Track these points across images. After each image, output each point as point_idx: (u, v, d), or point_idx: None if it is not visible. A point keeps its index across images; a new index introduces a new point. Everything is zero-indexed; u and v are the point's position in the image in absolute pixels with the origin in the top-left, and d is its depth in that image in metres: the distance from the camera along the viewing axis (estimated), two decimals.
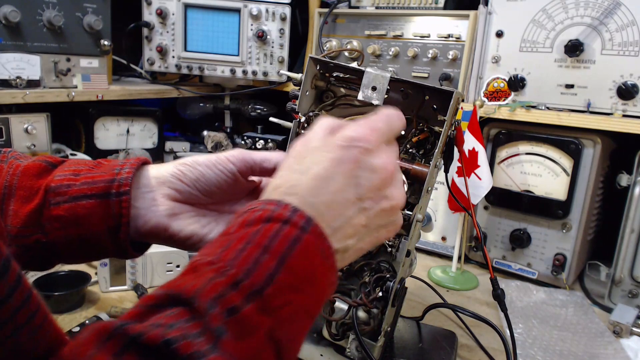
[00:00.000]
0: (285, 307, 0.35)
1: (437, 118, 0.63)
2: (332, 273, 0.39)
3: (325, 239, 0.38)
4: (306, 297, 0.37)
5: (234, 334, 0.32)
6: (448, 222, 1.12)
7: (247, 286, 0.34)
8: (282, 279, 0.35)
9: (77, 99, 1.11)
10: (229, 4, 1.30)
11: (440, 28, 1.12)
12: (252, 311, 0.34)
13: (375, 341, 0.61)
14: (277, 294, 0.35)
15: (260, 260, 0.35)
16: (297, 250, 0.36)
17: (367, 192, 0.41)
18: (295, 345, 0.37)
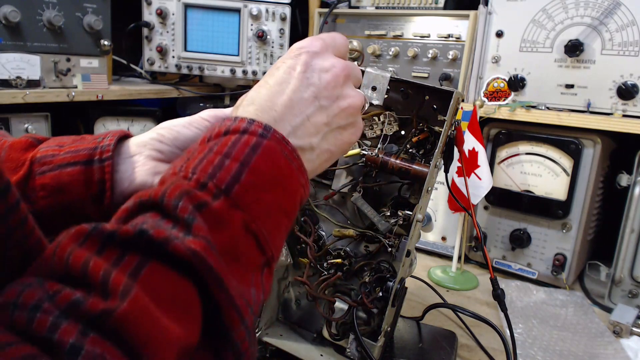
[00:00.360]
0: (255, 203, 0.37)
1: (437, 118, 0.64)
2: (301, 174, 0.41)
3: (287, 143, 0.40)
4: (276, 195, 0.38)
5: (206, 224, 0.33)
6: (448, 222, 1.12)
7: (212, 186, 0.35)
8: (247, 179, 0.36)
9: (77, 99, 1.11)
10: (229, 4, 1.30)
11: (440, 28, 1.12)
12: (222, 205, 0.35)
13: (375, 341, 0.61)
14: (244, 192, 0.36)
15: (223, 164, 0.36)
16: (258, 154, 0.38)
17: (322, 91, 0.43)
18: (276, 240, 0.39)
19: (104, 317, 0.26)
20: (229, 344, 0.33)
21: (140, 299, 0.28)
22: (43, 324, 0.25)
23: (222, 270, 0.32)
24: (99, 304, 0.27)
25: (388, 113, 0.66)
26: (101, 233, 0.31)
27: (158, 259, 0.31)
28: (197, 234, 0.32)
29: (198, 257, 0.31)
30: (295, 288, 0.74)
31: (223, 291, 0.32)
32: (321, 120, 0.43)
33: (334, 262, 0.68)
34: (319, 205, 0.71)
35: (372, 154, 0.64)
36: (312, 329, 0.72)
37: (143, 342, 0.27)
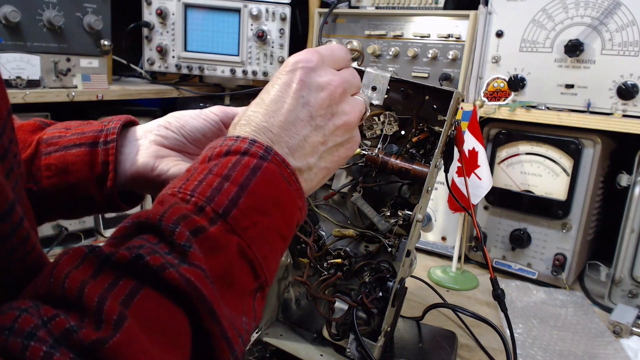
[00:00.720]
0: (252, 228, 0.37)
1: (437, 118, 0.63)
2: (299, 197, 0.41)
3: (287, 165, 0.40)
4: (273, 219, 0.38)
5: (202, 250, 0.33)
6: (448, 222, 1.12)
7: (210, 211, 0.35)
8: (245, 202, 0.36)
9: (77, 99, 1.11)
10: (229, 4, 1.30)
11: (440, 28, 1.12)
12: (219, 231, 0.35)
13: (375, 341, 0.61)
14: (242, 216, 0.36)
15: (222, 187, 0.36)
16: (258, 177, 0.38)
17: (317, 110, 0.42)
18: (271, 265, 0.39)
19: (96, 346, 0.27)
20: None
21: (132, 330, 0.28)
22: (36, 353, 0.25)
23: (216, 300, 0.33)
24: (92, 335, 0.27)
25: (388, 113, 0.66)
26: (97, 256, 0.31)
27: (152, 286, 0.31)
28: (193, 262, 0.32)
29: (192, 286, 0.31)
30: (295, 288, 0.74)
31: (215, 323, 0.32)
32: (318, 140, 0.43)
33: (334, 262, 0.68)
34: (319, 205, 0.71)
35: (372, 154, 0.64)
36: (312, 329, 0.72)
37: None
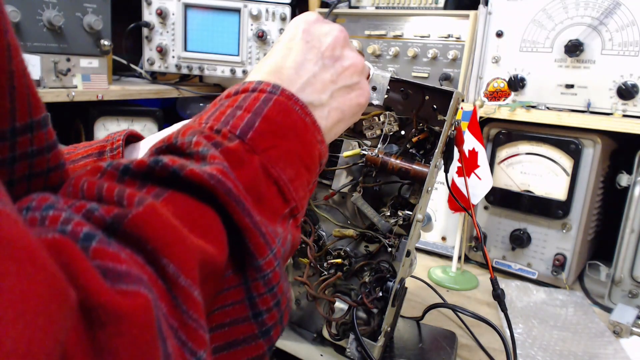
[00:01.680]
0: (272, 149, 0.36)
1: (437, 118, 0.64)
2: (316, 129, 0.41)
3: (297, 100, 0.40)
4: (292, 143, 0.38)
5: (227, 160, 0.32)
6: (448, 222, 1.12)
7: (226, 132, 0.35)
8: (261, 126, 0.36)
9: (77, 99, 1.11)
10: (229, 4, 1.30)
11: (440, 28, 1.12)
12: (238, 148, 0.34)
13: (375, 341, 0.61)
14: (260, 138, 0.36)
15: (235, 114, 0.36)
16: (270, 107, 0.38)
17: (324, 52, 0.44)
18: (299, 191, 0.38)
19: (118, 219, 0.25)
20: (257, 273, 0.31)
21: (157, 207, 0.27)
22: (55, 219, 0.23)
23: (242, 194, 0.31)
24: (114, 210, 0.25)
25: (388, 113, 0.66)
26: (117, 167, 0.30)
27: (175, 188, 0.29)
28: (213, 162, 0.31)
29: (215, 179, 0.30)
30: (295, 288, 0.74)
31: (245, 215, 0.31)
32: (327, 78, 0.44)
33: (334, 262, 0.68)
34: (319, 205, 0.71)
35: (372, 154, 0.64)
36: (312, 329, 0.72)
37: (161, 244, 0.25)
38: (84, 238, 0.23)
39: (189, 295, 0.26)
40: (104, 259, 0.22)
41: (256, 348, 0.32)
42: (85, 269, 0.21)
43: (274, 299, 0.33)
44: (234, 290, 0.31)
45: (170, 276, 0.25)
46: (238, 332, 0.31)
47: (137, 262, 0.24)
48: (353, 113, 0.47)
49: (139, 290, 0.22)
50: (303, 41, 0.44)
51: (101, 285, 0.21)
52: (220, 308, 0.31)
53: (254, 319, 0.32)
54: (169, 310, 0.25)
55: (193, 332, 0.26)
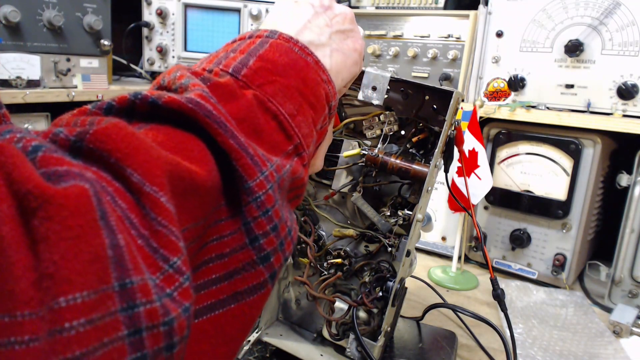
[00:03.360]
0: (269, 84, 0.35)
1: (437, 118, 0.63)
2: (319, 68, 0.40)
3: (296, 42, 0.39)
4: (293, 80, 0.37)
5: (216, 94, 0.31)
6: (448, 222, 1.12)
7: (218, 70, 0.34)
8: (256, 64, 0.35)
9: (77, 99, 1.11)
10: (229, 4, 1.30)
11: (440, 28, 1.12)
12: (229, 82, 0.33)
13: (375, 341, 0.61)
14: (254, 75, 0.35)
15: (229, 55, 0.35)
16: (267, 48, 0.37)
17: (313, 2, 0.44)
18: (303, 128, 0.36)
19: (81, 136, 0.24)
20: (249, 196, 0.30)
21: (122, 123, 0.26)
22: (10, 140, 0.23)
23: (226, 118, 0.30)
24: (77, 129, 0.25)
25: (388, 113, 0.66)
26: (101, 107, 0.29)
27: (157, 121, 0.29)
28: (193, 89, 0.30)
29: (193, 102, 0.29)
30: (295, 288, 0.74)
31: (229, 136, 0.30)
32: (322, 22, 0.44)
33: (334, 262, 0.68)
34: (319, 205, 0.71)
35: (372, 154, 0.64)
36: (312, 329, 0.72)
37: (124, 154, 0.25)
38: (32, 150, 0.22)
39: (156, 202, 0.25)
40: (48, 165, 0.22)
41: (256, 275, 0.31)
42: (20, 163, 0.21)
43: (270, 223, 0.32)
44: (231, 220, 0.31)
45: (135, 185, 0.25)
46: (237, 260, 0.31)
47: (101, 177, 0.24)
48: (354, 59, 0.46)
49: (76, 183, 0.22)
50: (292, 1, 0.44)
51: (32, 174, 0.21)
52: (217, 239, 0.30)
53: (250, 245, 0.31)
54: (139, 220, 0.24)
55: (164, 237, 0.25)
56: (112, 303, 0.22)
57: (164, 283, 0.24)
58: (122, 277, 0.22)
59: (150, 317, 0.23)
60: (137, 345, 0.22)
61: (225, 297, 0.30)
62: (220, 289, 0.30)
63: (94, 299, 0.21)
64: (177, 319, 0.24)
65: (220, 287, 0.30)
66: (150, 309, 0.23)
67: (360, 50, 0.48)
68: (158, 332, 0.23)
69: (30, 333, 0.19)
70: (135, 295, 0.22)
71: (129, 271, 0.22)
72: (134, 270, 0.23)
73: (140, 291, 0.23)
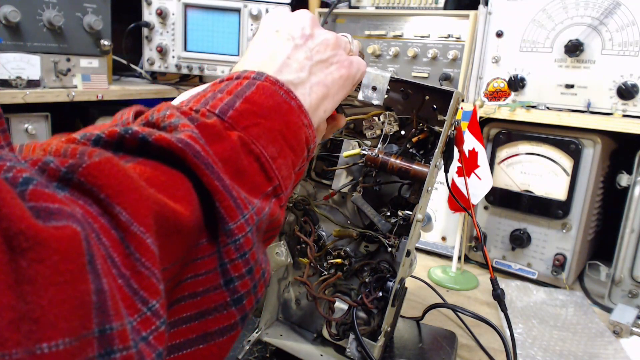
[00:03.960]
0: (253, 127, 0.36)
1: (437, 118, 0.63)
2: (302, 113, 0.40)
3: (282, 85, 0.40)
4: (276, 123, 0.37)
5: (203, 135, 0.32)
6: (448, 222, 1.12)
7: (205, 111, 0.34)
8: (242, 106, 0.36)
9: (77, 99, 1.11)
10: (229, 4, 1.30)
11: (440, 28, 1.12)
12: (216, 124, 0.34)
13: (375, 341, 0.61)
14: (240, 116, 0.35)
15: (216, 96, 0.36)
16: (253, 90, 0.37)
17: (292, 33, 0.45)
18: (282, 170, 0.37)
19: (73, 168, 0.24)
20: (228, 238, 0.31)
21: (114, 159, 0.26)
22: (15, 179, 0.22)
23: (213, 160, 0.31)
24: (69, 161, 0.25)
25: (388, 113, 0.66)
26: (89, 138, 0.29)
27: (145, 156, 0.29)
28: (184, 129, 0.31)
29: (184, 143, 0.29)
30: (295, 288, 0.74)
31: (215, 177, 0.30)
32: (301, 56, 0.44)
33: (334, 262, 0.68)
34: (319, 205, 0.71)
35: (372, 154, 0.64)
36: (312, 329, 0.72)
37: (114, 192, 0.25)
38: (22, 182, 0.22)
39: (142, 242, 0.25)
40: (38, 200, 0.22)
41: (228, 317, 0.32)
42: (11, 199, 0.20)
43: (246, 266, 0.32)
44: (208, 259, 0.31)
45: (123, 224, 0.25)
46: (210, 300, 0.31)
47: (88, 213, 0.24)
48: (339, 86, 0.46)
49: (68, 224, 0.22)
50: (272, 32, 0.45)
51: (25, 215, 0.20)
52: (192, 277, 0.30)
53: (225, 287, 0.31)
54: (122, 259, 0.24)
55: (145, 279, 0.25)
56: (91, 349, 0.22)
57: (140, 326, 0.25)
58: (103, 322, 0.22)
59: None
60: None
61: (194, 337, 0.31)
62: (191, 328, 0.31)
63: (75, 345, 0.21)
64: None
65: (190, 326, 0.31)
66: (126, 355, 0.23)
67: (347, 74, 0.48)
68: None
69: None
70: (114, 342, 0.22)
71: (110, 317, 0.23)
72: (115, 316, 0.23)
73: (118, 337, 0.23)
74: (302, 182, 0.72)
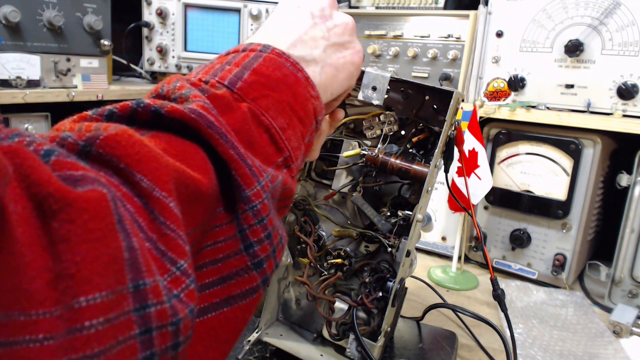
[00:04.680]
0: (262, 99, 0.36)
1: (437, 118, 0.63)
2: (309, 84, 0.41)
3: (288, 57, 0.40)
4: (284, 94, 0.38)
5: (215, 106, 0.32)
6: (448, 222, 1.12)
7: (214, 82, 0.35)
8: (250, 77, 0.36)
9: (77, 99, 1.11)
10: (229, 4, 1.30)
11: (440, 28, 1.12)
12: (226, 94, 0.34)
13: (375, 341, 0.61)
14: (249, 88, 0.36)
15: (224, 68, 0.37)
16: (260, 62, 0.38)
17: (314, 11, 0.45)
18: (292, 141, 0.38)
19: (91, 141, 0.25)
20: (246, 204, 0.31)
21: (130, 130, 0.27)
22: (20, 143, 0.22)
23: (226, 129, 0.31)
24: (86, 134, 0.25)
25: (388, 113, 0.66)
26: (102, 113, 0.30)
27: (158, 129, 0.30)
28: (195, 100, 0.31)
29: (196, 113, 0.30)
30: (296, 288, 0.74)
31: (230, 146, 0.31)
32: (318, 34, 0.44)
33: (334, 262, 0.68)
34: (319, 205, 0.71)
35: (372, 154, 0.64)
36: (312, 329, 0.72)
37: (134, 160, 0.25)
38: (45, 154, 0.22)
39: (165, 207, 0.26)
40: (62, 169, 0.22)
41: (249, 280, 0.32)
42: (38, 166, 0.21)
43: (265, 231, 0.33)
44: (226, 227, 0.31)
45: (145, 190, 0.25)
46: (231, 265, 0.32)
47: (110, 182, 0.24)
48: (348, 72, 0.46)
49: (94, 187, 0.22)
50: (294, 7, 0.45)
51: (53, 179, 0.21)
52: (212, 244, 0.31)
53: (245, 251, 0.32)
54: (147, 223, 0.25)
55: (172, 241, 0.26)
56: (127, 303, 0.22)
57: (171, 285, 0.25)
58: (136, 278, 0.23)
59: (160, 317, 0.24)
60: (147, 344, 0.23)
61: (218, 301, 0.31)
62: (214, 293, 0.31)
63: (111, 299, 0.21)
64: (184, 320, 0.25)
65: (213, 291, 0.31)
66: (160, 310, 0.24)
67: (358, 62, 0.48)
68: (166, 331, 0.24)
69: (44, 332, 0.19)
70: (148, 296, 0.23)
71: (143, 273, 0.23)
72: (147, 272, 0.23)
73: (152, 292, 0.23)
74: (302, 182, 0.72)
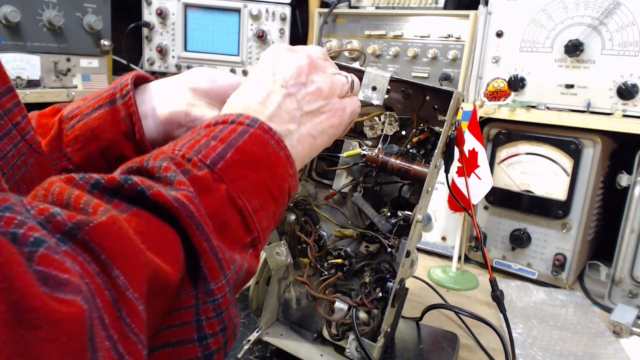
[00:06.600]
0: (241, 180, 0.37)
1: (437, 118, 0.63)
2: (289, 163, 0.42)
3: (273, 134, 0.41)
4: (263, 176, 0.39)
5: (194, 187, 0.33)
6: (448, 222, 1.12)
7: (197, 160, 0.36)
8: (233, 157, 0.37)
9: (77, 99, 1.11)
10: (229, 4, 1.30)
11: (440, 28, 1.12)
12: (206, 176, 0.35)
13: (375, 342, 0.61)
14: (230, 168, 0.37)
15: (209, 144, 0.37)
16: (245, 139, 0.39)
17: (287, 80, 0.45)
18: (263, 222, 0.39)
19: (79, 225, 0.25)
20: (208, 297, 0.32)
21: (119, 219, 0.27)
22: (10, 221, 0.23)
23: (204, 220, 0.32)
24: (77, 216, 0.26)
25: (388, 113, 0.66)
26: (88, 181, 0.31)
27: (141, 207, 0.31)
28: (180, 188, 0.33)
29: (179, 202, 0.31)
30: (296, 288, 0.74)
31: (204, 239, 0.32)
32: (292, 107, 0.45)
33: (334, 262, 0.68)
34: (319, 205, 0.71)
35: (373, 154, 0.64)
36: (312, 329, 0.72)
37: (116, 256, 0.26)
38: (33, 243, 0.23)
39: (134, 309, 0.26)
40: (47, 266, 0.23)
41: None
42: (21, 273, 0.21)
43: (221, 324, 0.34)
44: (185, 312, 0.32)
45: (119, 288, 0.26)
46: (182, 353, 0.32)
47: (86, 271, 0.25)
48: (327, 136, 0.48)
49: (76, 300, 0.23)
50: (269, 74, 0.45)
51: (36, 290, 0.21)
52: (168, 327, 0.32)
53: (198, 342, 0.33)
54: (112, 321, 0.25)
55: (132, 345, 0.26)
56: None
57: None
58: None
59: None
60: None
61: None
62: None
63: None
64: None
65: None
66: None
67: (338, 123, 0.48)
68: None
69: None
70: None
71: None
72: None
73: None
74: (302, 182, 0.72)
